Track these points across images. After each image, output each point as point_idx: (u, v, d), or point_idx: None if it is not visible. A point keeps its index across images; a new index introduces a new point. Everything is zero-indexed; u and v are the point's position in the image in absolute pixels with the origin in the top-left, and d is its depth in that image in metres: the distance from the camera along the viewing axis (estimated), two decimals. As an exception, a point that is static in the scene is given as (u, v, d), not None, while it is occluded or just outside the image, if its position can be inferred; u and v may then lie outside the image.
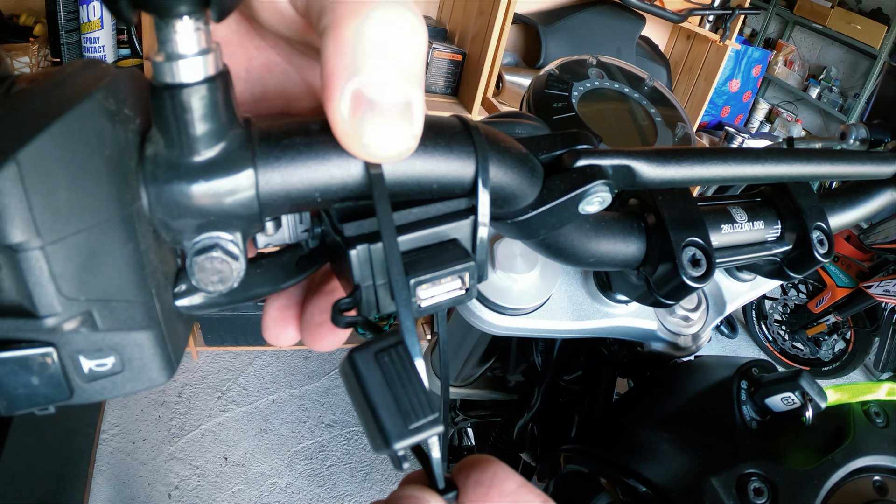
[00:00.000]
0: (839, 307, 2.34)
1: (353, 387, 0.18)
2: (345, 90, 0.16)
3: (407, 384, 0.18)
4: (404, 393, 0.18)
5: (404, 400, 0.18)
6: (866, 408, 0.43)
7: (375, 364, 0.18)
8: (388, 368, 0.18)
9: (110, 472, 1.52)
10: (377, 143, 0.17)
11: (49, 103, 0.15)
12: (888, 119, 0.52)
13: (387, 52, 0.16)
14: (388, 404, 0.17)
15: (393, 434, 0.17)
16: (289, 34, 0.21)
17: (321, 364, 2.01)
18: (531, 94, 0.49)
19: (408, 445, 0.17)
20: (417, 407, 0.18)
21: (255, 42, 0.24)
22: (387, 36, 0.16)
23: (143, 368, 0.18)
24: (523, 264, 0.44)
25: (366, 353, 0.18)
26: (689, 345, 0.53)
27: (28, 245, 0.14)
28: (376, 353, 0.18)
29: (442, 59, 1.52)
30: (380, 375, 0.18)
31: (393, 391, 0.18)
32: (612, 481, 0.44)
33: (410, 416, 0.17)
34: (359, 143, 0.17)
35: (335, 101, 0.16)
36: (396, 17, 0.16)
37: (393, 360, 0.18)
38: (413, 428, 0.17)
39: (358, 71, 0.16)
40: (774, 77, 3.94)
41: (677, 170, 0.28)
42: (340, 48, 0.16)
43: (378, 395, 0.18)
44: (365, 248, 0.20)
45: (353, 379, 0.18)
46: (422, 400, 0.18)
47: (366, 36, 0.15)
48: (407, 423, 0.17)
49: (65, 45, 1.28)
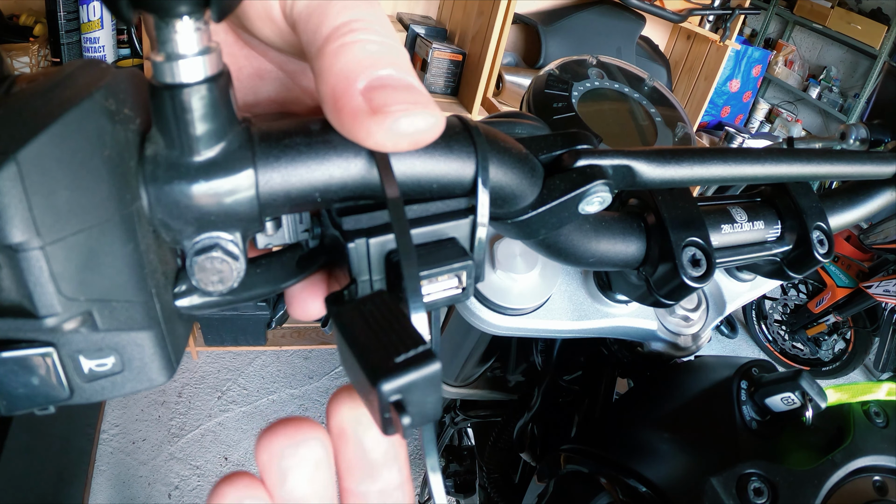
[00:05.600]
0: (839, 307, 2.34)
1: (341, 347, 0.17)
2: (355, 89, 0.17)
3: (393, 323, 0.16)
4: (391, 332, 0.16)
5: (391, 338, 0.16)
6: (866, 408, 0.43)
7: (359, 314, 0.17)
8: (373, 315, 0.17)
9: (110, 472, 1.52)
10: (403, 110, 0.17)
11: (49, 103, 0.15)
12: (888, 119, 0.52)
13: (382, 59, 0.17)
14: (371, 346, 0.16)
15: (379, 371, 0.15)
16: (281, 44, 0.21)
17: (321, 364, 2.01)
18: (531, 94, 0.49)
19: (398, 387, 0.15)
20: (406, 339, 0.16)
21: (245, 51, 0.24)
22: (377, 50, 0.18)
23: (143, 368, 0.18)
24: (523, 264, 0.44)
25: (348, 305, 0.17)
26: (689, 345, 0.53)
27: (28, 245, 0.14)
28: (358, 304, 0.17)
29: (442, 59, 1.52)
30: (363, 322, 0.17)
31: (376, 333, 0.16)
32: (612, 481, 0.44)
33: (398, 348, 0.16)
34: (387, 119, 0.16)
35: (349, 100, 0.17)
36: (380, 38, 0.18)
37: (377, 305, 0.17)
38: (401, 361, 0.15)
39: (362, 74, 0.17)
40: (774, 77, 3.94)
41: (677, 170, 0.28)
42: (342, 68, 0.17)
43: (361, 339, 0.16)
44: (363, 242, 0.20)
45: (339, 335, 0.17)
46: (410, 334, 0.16)
47: (363, 52, 0.17)
48: (392, 357, 0.15)
49: (65, 45, 1.28)
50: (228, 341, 1.89)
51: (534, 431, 0.73)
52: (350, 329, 0.16)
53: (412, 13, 1.72)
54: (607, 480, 0.45)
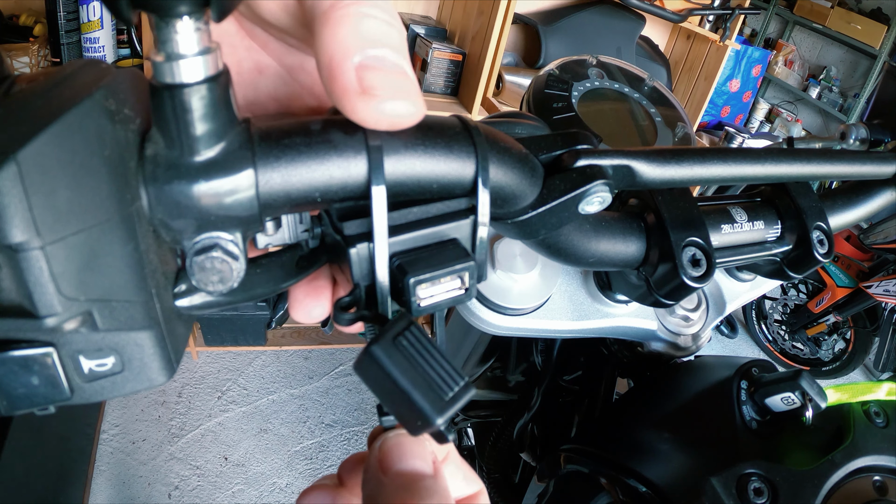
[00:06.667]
0: (839, 307, 2.34)
1: (378, 378, 0.18)
2: (350, 63, 0.18)
3: (430, 360, 0.18)
4: (431, 369, 0.18)
5: (433, 375, 0.18)
6: (866, 408, 0.43)
7: (396, 350, 0.18)
8: (409, 351, 0.18)
9: (110, 472, 1.52)
10: (389, 96, 0.18)
11: (49, 103, 0.15)
12: (888, 119, 0.52)
13: (380, 38, 0.18)
14: (419, 384, 0.18)
15: (434, 410, 0.18)
16: (286, 21, 0.21)
17: (321, 364, 2.01)
18: (531, 94, 0.49)
19: (449, 417, 0.18)
20: (447, 377, 0.18)
21: (246, 43, 0.24)
22: (377, 27, 0.18)
23: (143, 368, 0.18)
24: (523, 264, 0.44)
25: (384, 342, 0.18)
26: (689, 345, 0.53)
27: (28, 245, 0.14)
28: (393, 339, 0.18)
29: (442, 59, 1.52)
30: (403, 359, 0.18)
31: (420, 371, 0.18)
32: (612, 481, 0.44)
33: (444, 388, 0.18)
34: (374, 101, 0.18)
35: (343, 72, 0.17)
36: (382, 14, 0.19)
37: (410, 341, 0.19)
38: (449, 399, 0.18)
39: (358, 50, 0.18)
40: (774, 77, 3.94)
41: (677, 170, 0.28)
42: (341, 39, 0.18)
43: (408, 378, 0.18)
44: (365, 247, 0.20)
45: (378, 370, 0.18)
46: (448, 370, 0.18)
47: (362, 28, 0.18)
48: (443, 396, 0.18)
49: (65, 45, 1.28)
50: (228, 341, 1.89)
51: (534, 431, 0.73)
52: (392, 368, 0.18)
53: (412, 13, 1.72)
54: (607, 480, 0.45)
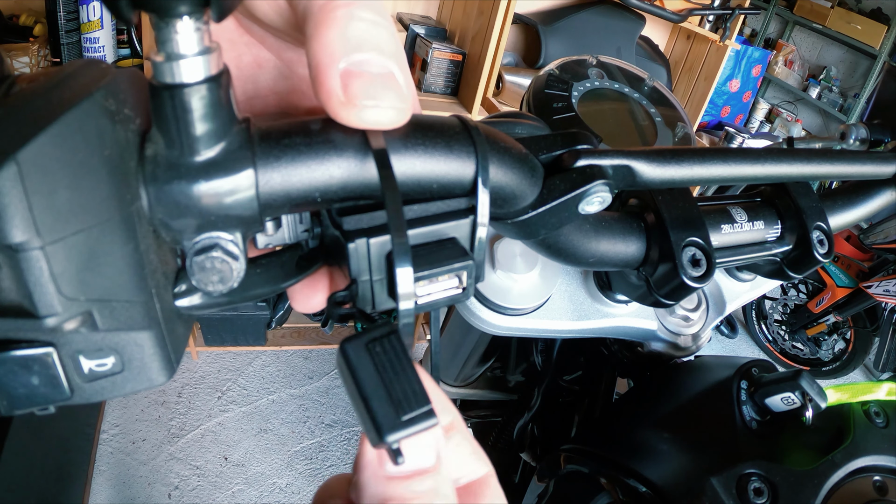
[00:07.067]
0: (839, 307, 2.34)
1: (346, 378, 0.18)
2: (335, 69, 0.18)
3: (400, 373, 0.17)
4: (397, 383, 0.17)
5: (396, 390, 0.17)
6: (866, 408, 0.43)
7: (367, 354, 0.18)
8: (381, 358, 0.18)
9: (110, 472, 1.52)
10: (371, 105, 0.18)
11: (49, 103, 0.15)
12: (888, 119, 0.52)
13: (367, 41, 0.18)
14: (379, 395, 0.17)
15: (385, 426, 0.17)
16: (281, 23, 0.21)
17: (321, 364, 2.01)
18: (531, 94, 0.49)
19: (401, 438, 0.17)
20: (411, 397, 0.17)
21: (245, 39, 0.24)
22: (364, 29, 0.18)
23: (143, 368, 0.18)
24: (523, 264, 0.44)
25: (357, 343, 0.18)
26: (689, 345, 0.53)
27: (28, 245, 0.14)
28: (367, 344, 0.18)
29: (442, 59, 1.52)
30: (371, 366, 0.17)
31: (384, 382, 0.17)
32: (612, 481, 0.44)
33: (403, 406, 0.17)
34: (354, 109, 0.18)
35: (328, 79, 0.17)
36: (370, 15, 0.18)
37: (385, 349, 0.18)
38: (406, 420, 0.17)
39: (345, 55, 0.18)
40: (774, 77, 3.93)
41: (677, 170, 0.28)
42: (327, 43, 0.18)
43: (370, 386, 0.17)
44: (364, 242, 0.20)
45: (347, 370, 0.18)
46: (415, 390, 0.17)
47: (349, 31, 0.18)
48: (399, 415, 0.17)
49: (65, 45, 1.28)
50: (228, 341, 1.89)
51: (534, 431, 0.73)
52: (358, 371, 0.17)
53: (412, 13, 1.72)
54: (607, 480, 0.45)
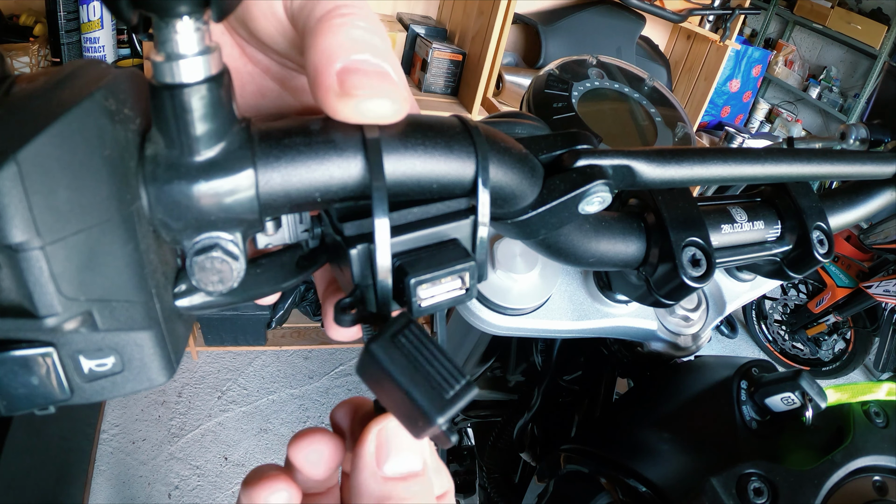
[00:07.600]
0: (839, 307, 2.34)
1: (378, 378, 0.18)
2: (333, 68, 0.18)
3: (430, 357, 0.18)
4: (430, 366, 0.18)
5: (433, 373, 0.18)
6: (866, 408, 0.43)
7: (395, 349, 0.18)
8: (408, 349, 0.18)
9: (110, 472, 1.52)
10: (367, 95, 0.18)
11: (49, 103, 0.15)
12: (888, 119, 0.52)
13: (362, 45, 0.19)
14: (419, 383, 0.18)
15: (434, 409, 0.17)
16: (282, 43, 0.21)
17: (321, 364, 2.01)
18: (531, 94, 0.49)
19: (450, 417, 0.17)
20: (448, 376, 0.18)
21: (249, 68, 0.24)
22: (360, 35, 0.19)
23: (143, 368, 0.18)
24: (523, 264, 0.44)
25: (382, 341, 0.18)
26: (689, 345, 0.53)
27: (28, 245, 0.14)
28: (392, 338, 0.18)
29: (442, 59, 1.52)
30: (403, 358, 0.18)
31: (420, 369, 0.18)
32: (612, 481, 0.44)
33: (444, 386, 0.18)
34: (352, 101, 0.18)
35: (325, 77, 0.18)
36: (365, 24, 0.20)
37: (409, 339, 0.18)
38: (450, 397, 0.17)
39: (341, 56, 0.18)
40: (774, 77, 3.93)
41: (677, 170, 0.28)
42: (325, 48, 0.19)
43: (406, 377, 0.18)
44: (365, 248, 0.20)
45: (378, 369, 0.18)
46: (449, 368, 0.18)
47: (345, 37, 0.19)
48: (443, 395, 0.17)
49: (65, 45, 1.28)
50: (228, 341, 1.89)
51: (534, 431, 0.73)
52: (391, 367, 0.18)
53: (412, 13, 1.72)
54: (607, 480, 0.45)
